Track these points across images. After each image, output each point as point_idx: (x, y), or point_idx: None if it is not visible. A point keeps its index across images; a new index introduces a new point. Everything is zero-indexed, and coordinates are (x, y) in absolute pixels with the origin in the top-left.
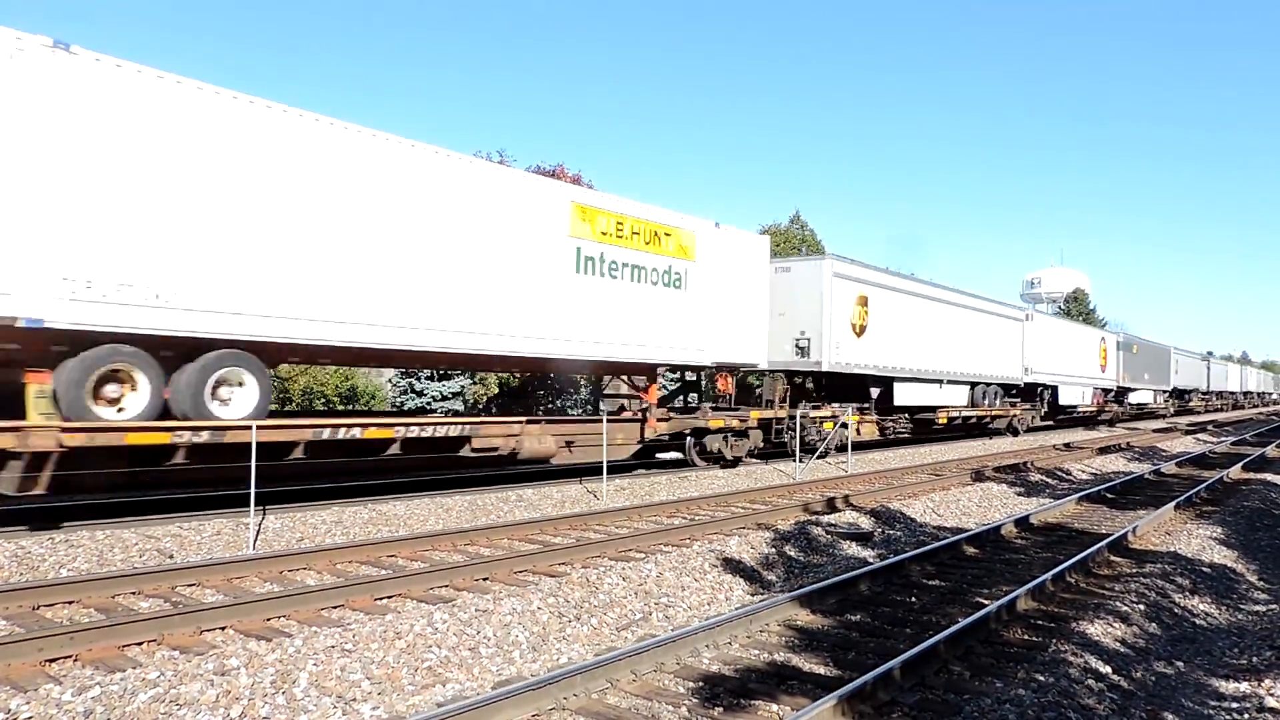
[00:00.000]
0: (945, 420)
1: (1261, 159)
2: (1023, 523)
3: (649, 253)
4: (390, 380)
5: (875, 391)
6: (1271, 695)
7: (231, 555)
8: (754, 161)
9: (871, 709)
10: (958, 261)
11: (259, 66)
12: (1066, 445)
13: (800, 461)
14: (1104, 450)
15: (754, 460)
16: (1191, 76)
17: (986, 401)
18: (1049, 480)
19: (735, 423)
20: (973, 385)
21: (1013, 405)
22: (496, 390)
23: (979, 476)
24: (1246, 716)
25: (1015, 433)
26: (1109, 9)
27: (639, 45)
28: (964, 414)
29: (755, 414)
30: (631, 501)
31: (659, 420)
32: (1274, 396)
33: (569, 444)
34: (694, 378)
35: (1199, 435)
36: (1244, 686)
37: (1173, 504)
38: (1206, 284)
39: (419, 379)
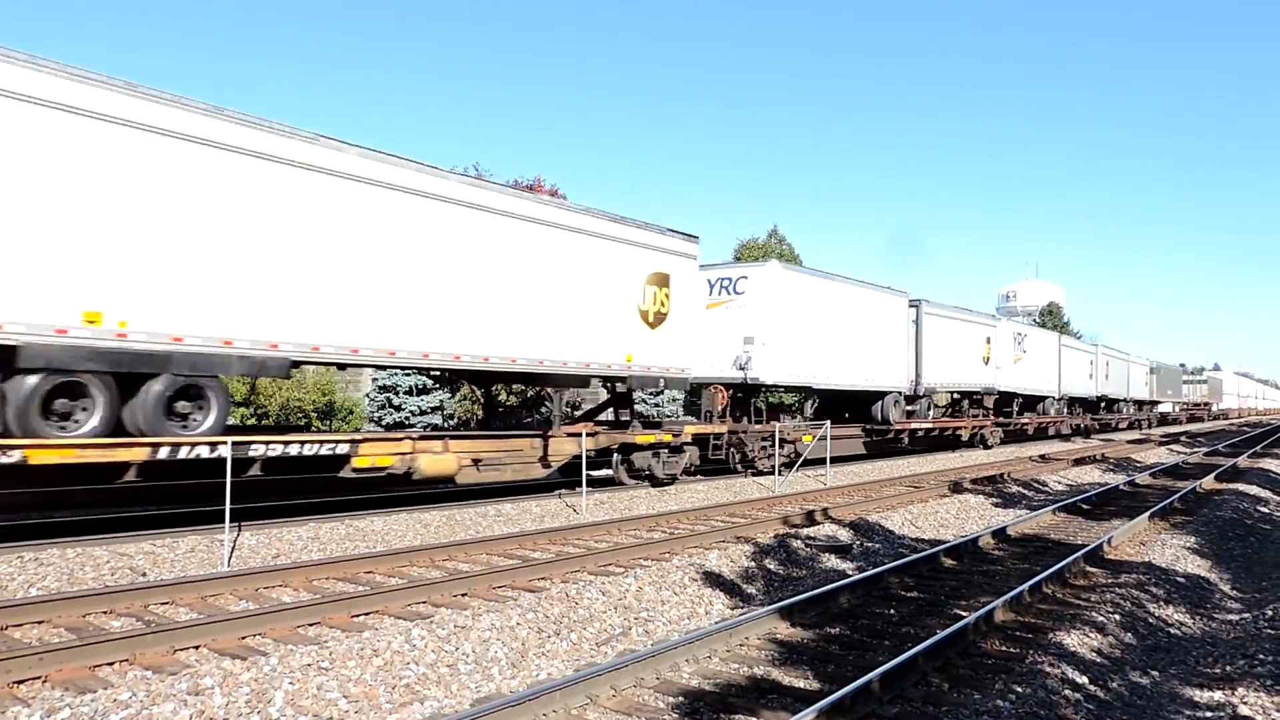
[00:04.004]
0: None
1: (1237, 174)
2: (1000, 534)
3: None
4: (368, 395)
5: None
6: (1244, 704)
7: (206, 573)
8: (731, 174)
9: None
10: (934, 273)
11: (233, 73)
12: (1042, 457)
13: (779, 474)
14: (1079, 462)
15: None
16: (1169, 91)
17: (1053, 411)
18: (1026, 492)
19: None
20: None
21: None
22: (483, 405)
23: (957, 488)
24: None
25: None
26: (1086, 27)
27: (622, 54)
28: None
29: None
30: (611, 515)
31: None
32: (1167, 410)
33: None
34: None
35: None
36: (1218, 695)
37: (1147, 514)
38: (1181, 297)
39: (397, 393)
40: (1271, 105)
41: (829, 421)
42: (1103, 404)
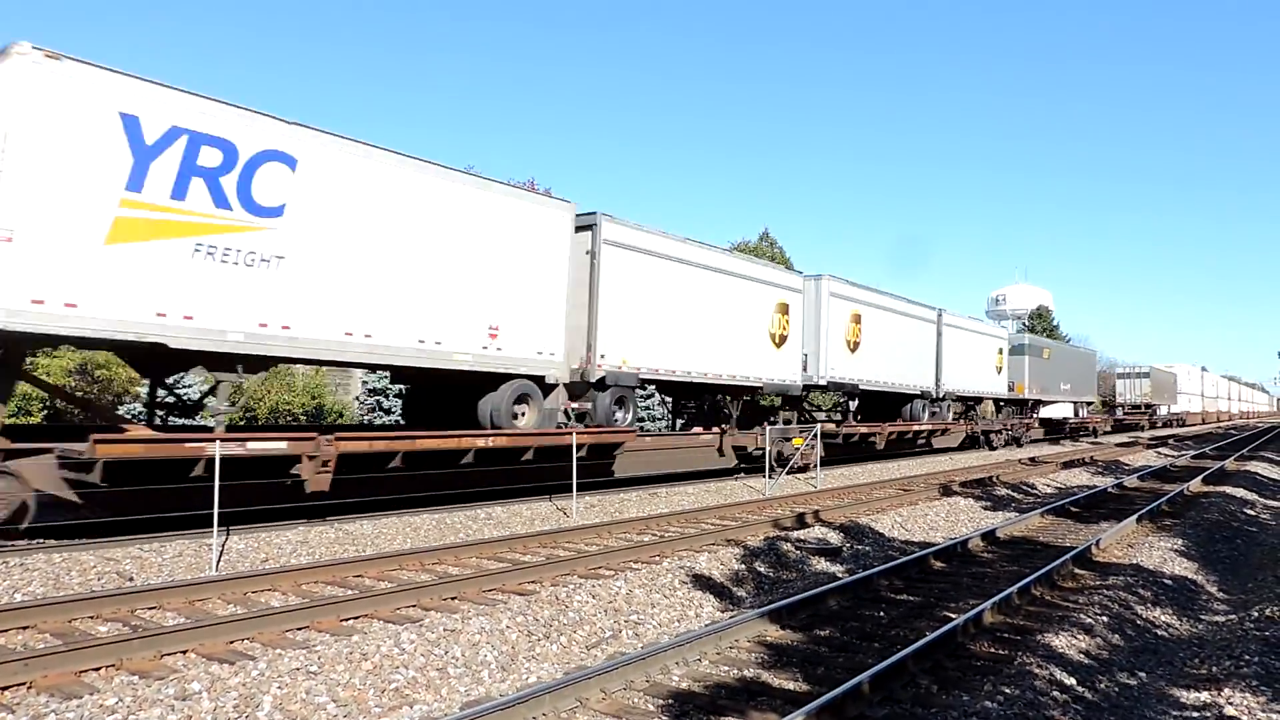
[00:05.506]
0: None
1: (1235, 177)
2: (989, 537)
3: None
4: (357, 398)
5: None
6: (1230, 704)
7: (193, 577)
8: (722, 177)
9: None
10: (923, 277)
11: (230, 72)
12: (1032, 460)
13: (770, 477)
14: (1069, 464)
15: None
16: (1156, 93)
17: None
18: (1015, 495)
19: None
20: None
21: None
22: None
23: (947, 491)
24: None
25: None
26: (1073, 28)
27: (621, 54)
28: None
29: None
30: (601, 519)
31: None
32: (1066, 414)
33: None
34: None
35: None
36: (1204, 696)
37: (1135, 517)
38: (1176, 302)
39: (387, 396)
40: (1269, 102)
41: None
42: (855, 401)
